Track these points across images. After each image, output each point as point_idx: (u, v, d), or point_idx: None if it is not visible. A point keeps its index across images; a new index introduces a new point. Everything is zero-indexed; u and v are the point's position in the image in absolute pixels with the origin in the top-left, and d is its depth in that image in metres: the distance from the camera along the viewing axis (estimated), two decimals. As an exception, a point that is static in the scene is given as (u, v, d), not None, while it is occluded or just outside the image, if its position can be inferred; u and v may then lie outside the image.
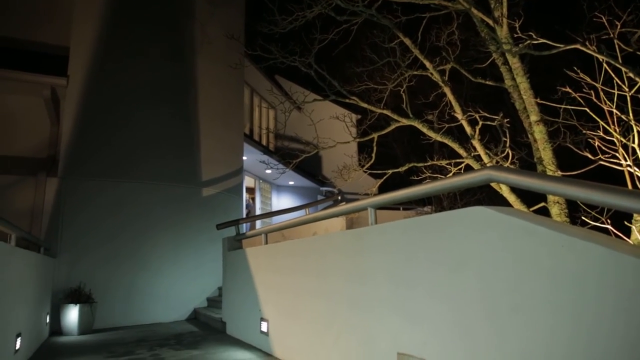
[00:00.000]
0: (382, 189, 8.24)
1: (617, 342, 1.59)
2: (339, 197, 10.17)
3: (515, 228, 2.03)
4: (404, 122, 7.75)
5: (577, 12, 6.24)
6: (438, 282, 2.46)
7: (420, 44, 7.63)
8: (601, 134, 5.48)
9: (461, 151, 7.37)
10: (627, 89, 5.26)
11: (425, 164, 8.00)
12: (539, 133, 6.23)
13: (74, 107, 7.41)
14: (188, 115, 8.53)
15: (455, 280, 2.34)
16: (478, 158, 7.24)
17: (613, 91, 5.35)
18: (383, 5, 7.32)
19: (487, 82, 7.53)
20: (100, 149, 7.50)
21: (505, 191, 6.67)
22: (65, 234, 7.00)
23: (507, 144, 6.84)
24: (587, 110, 5.63)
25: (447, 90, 7.48)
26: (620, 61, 5.22)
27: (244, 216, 10.98)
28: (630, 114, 5.22)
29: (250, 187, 14.94)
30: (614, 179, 4.65)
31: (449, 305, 2.37)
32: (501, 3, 6.37)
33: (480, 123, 7.08)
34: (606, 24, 5.45)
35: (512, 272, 2.02)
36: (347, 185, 8.85)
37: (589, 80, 5.52)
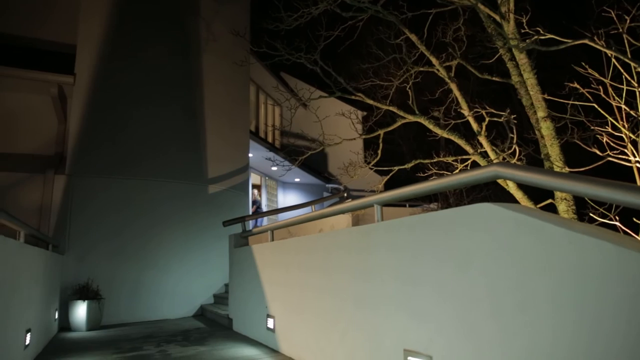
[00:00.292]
0: (388, 186, 8.22)
1: (622, 340, 1.58)
2: (345, 194, 10.17)
3: (522, 225, 2.02)
4: (410, 118, 7.73)
5: (585, 7, 6.19)
6: (444, 279, 2.45)
7: (426, 40, 7.60)
8: (609, 130, 5.43)
9: (467, 148, 7.34)
10: (636, 85, 5.21)
11: (432, 161, 7.98)
12: (546, 129, 6.19)
13: (81, 105, 7.46)
14: (194, 112, 8.56)
15: (462, 277, 2.33)
16: (485, 155, 7.21)
17: (622, 87, 5.30)
18: (389, 1, 7.30)
19: (493, 79, 7.49)
20: (107, 146, 7.55)
21: (512, 188, 6.64)
22: (73, 231, 7.06)
23: (514, 141, 6.80)
24: (595, 106, 5.58)
25: (453, 86, 7.44)
26: (629, 56, 5.16)
27: (249, 213, 11.01)
28: (639, 110, 5.17)
29: (256, 184, 14.97)
30: (622, 175, 4.60)
31: (455, 302, 2.37)
32: (508, -2, 6.33)
33: (486, 119, 7.04)
34: (615, 19, 5.39)
35: (519, 269, 2.01)
36: (353, 182, 8.85)
37: (597, 76, 5.47)
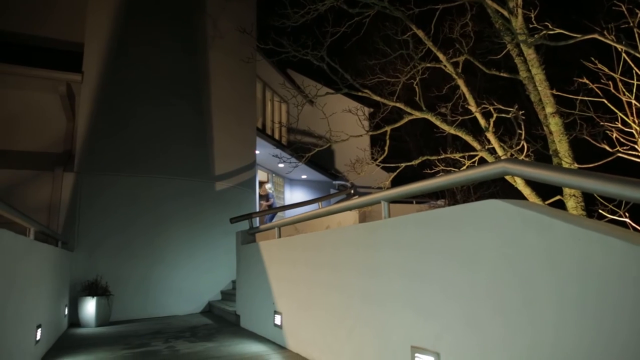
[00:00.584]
0: (395, 183, 8.21)
1: (634, 338, 1.56)
2: (352, 191, 10.16)
3: (530, 221, 2.00)
4: (417, 114, 7.69)
5: (594, 1, 6.12)
6: (451, 276, 2.45)
7: (434, 35, 7.56)
8: (619, 125, 5.38)
9: (475, 144, 7.30)
10: (646, 79, 5.15)
11: (439, 157, 7.94)
12: (554, 125, 6.14)
13: (89, 102, 7.50)
14: (201, 109, 8.59)
15: (469, 274, 2.32)
16: (492, 151, 7.17)
17: (632, 81, 5.24)
18: (395, -4, 7.27)
19: (501, 74, 7.43)
20: (115, 143, 7.59)
21: (520, 184, 6.60)
22: (82, 228, 7.11)
23: (522, 137, 6.75)
24: (605, 102, 5.53)
25: (460, 82, 7.40)
26: None
27: (256, 210, 11.04)
28: (650, 105, 5.12)
29: (263, 181, 14.99)
30: (633, 171, 4.56)
31: (462, 299, 2.36)
32: (516, -7, 6.27)
33: (494, 115, 7.00)
34: (626, 13, 5.32)
35: (527, 266, 2.00)
36: (360, 178, 8.83)
37: (607, 71, 5.41)
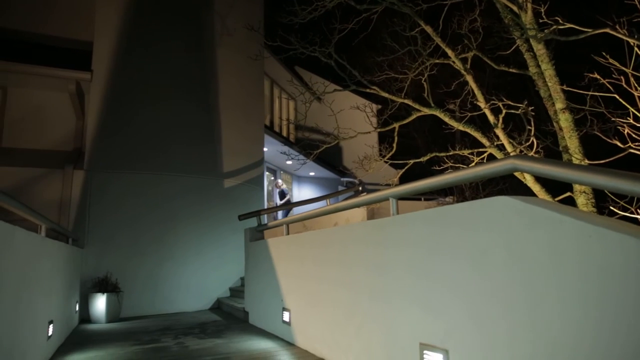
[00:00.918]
0: (403, 180, 8.18)
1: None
2: (360, 188, 10.15)
3: (540, 218, 1.99)
4: (426, 111, 7.66)
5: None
6: (460, 273, 2.44)
7: (442, 31, 7.50)
8: (631, 121, 5.31)
9: (484, 140, 7.25)
10: (659, 74, 5.08)
11: (447, 154, 7.90)
12: (564, 121, 6.08)
13: (98, 101, 7.56)
14: (209, 106, 8.62)
15: (478, 271, 2.31)
16: (501, 147, 7.11)
17: (644, 76, 5.17)
18: (403, -8, 7.22)
19: (510, 70, 7.37)
20: (124, 140, 7.65)
21: (529, 181, 6.55)
22: (92, 225, 7.18)
23: (532, 133, 6.69)
24: (617, 97, 5.46)
25: (469, 78, 7.35)
26: (652, 45, 5.03)
27: (265, 207, 11.07)
28: (662, 100, 5.05)
29: (271, 178, 15.02)
30: (644, 167, 4.50)
31: (471, 296, 2.35)
32: (526, -12, 6.21)
33: (503, 111, 6.94)
34: (638, 6, 5.25)
35: (537, 263, 1.99)
36: (368, 175, 8.82)
37: (619, 66, 5.34)
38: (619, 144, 5.42)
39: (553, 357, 1.88)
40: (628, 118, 5.35)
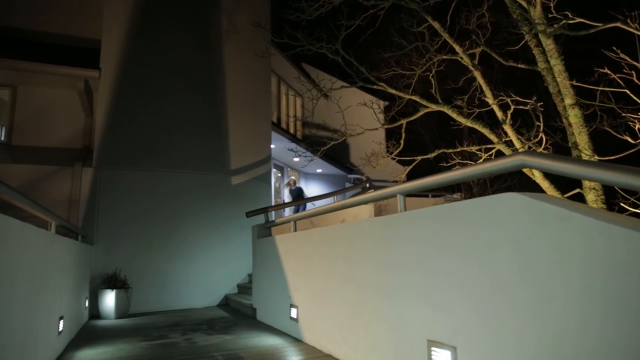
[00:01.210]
0: (411, 176, 8.16)
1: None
2: (367, 185, 10.13)
3: (549, 215, 1.97)
4: (433, 107, 7.62)
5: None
6: (468, 270, 2.43)
7: (450, 27, 7.46)
8: (642, 116, 5.26)
9: (492, 137, 7.21)
10: (670, 69, 5.01)
11: (455, 150, 7.87)
12: (574, 117, 6.03)
13: (106, 98, 7.61)
14: (217, 104, 8.64)
15: (486, 268, 2.30)
16: (509, 143, 7.07)
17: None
18: (411, -12, 7.18)
19: (519, 66, 7.31)
20: (132, 138, 7.70)
21: (538, 177, 6.50)
22: (101, 222, 7.24)
23: (541, 129, 6.64)
24: (627, 92, 5.40)
25: (477, 74, 7.30)
26: (664, 39, 4.97)
27: (273, 203, 11.09)
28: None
29: (278, 175, 15.05)
30: (655, 163, 4.45)
31: (479, 293, 2.34)
32: (535, -18, 6.14)
33: (512, 107, 6.89)
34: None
35: (546, 260, 1.97)
36: (375, 172, 8.80)
37: (630, 60, 5.28)
38: (629, 139, 5.36)
39: (561, 354, 1.87)
40: (639, 113, 5.29)
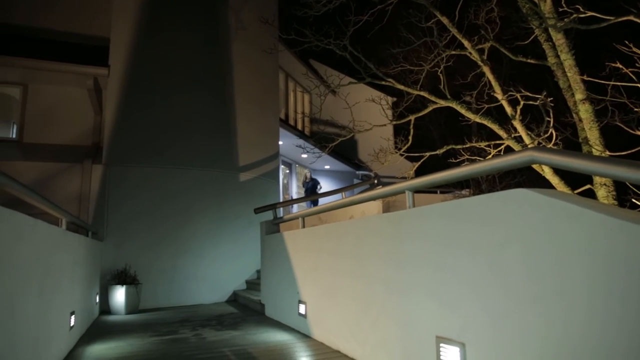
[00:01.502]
0: (419, 172, 8.13)
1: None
2: (375, 181, 10.10)
3: (559, 211, 1.96)
4: (442, 103, 7.58)
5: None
6: (477, 266, 2.42)
7: (458, 22, 7.40)
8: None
9: (501, 132, 7.16)
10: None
11: (464, 146, 7.82)
12: (584, 112, 5.96)
13: (115, 96, 7.66)
14: (224, 101, 8.66)
15: (496, 264, 2.29)
16: (519, 139, 7.01)
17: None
18: (419, -17, 7.14)
19: (528, 61, 7.24)
20: (141, 135, 7.74)
21: (547, 173, 6.45)
22: (111, 219, 7.30)
23: (551, 124, 6.57)
24: None
25: (486, 69, 7.24)
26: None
27: (281, 199, 11.12)
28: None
29: (286, 172, 15.07)
30: (667, 159, 4.39)
31: (489, 289, 2.33)
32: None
33: (521, 103, 6.83)
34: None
35: (556, 256, 1.96)
36: (384, 168, 8.78)
37: (642, 55, 5.21)
38: (641, 135, 5.30)
39: (568, 351, 1.86)
40: (651, 108, 5.23)
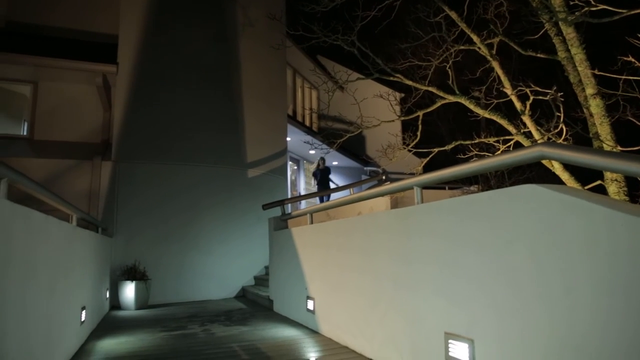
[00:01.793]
0: (427, 168, 8.10)
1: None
2: (384, 177, 10.08)
3: (569, 207, 1.94)
4: (450, 98, 7.53)
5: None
6: (486, 263, 2.41)
7: (467, 17, 7.33)
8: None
9: (510, 128, 7.10)
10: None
11: (472, 142, 7.77)
12: (595, 107, 5.89)
13: (124, 93, 7.70)
14: (232, 97, 8.68)
15: (505, 260, 2.28)
16: (528, 135, 6.95)
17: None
18: (428, -23, 7.08)
19: (538, 55, 7.15)
20: (150, 131, 7.79)
21: (557, 169, 6.39)
22: (120, 215, 7.36)
23: (561, 119, 6.50)
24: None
25: (495, 64, 7.18)
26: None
27: (288, 196, 11.13)
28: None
29: (294, 168, 15.08)
30: (679, 154, 4.33)
31: (498, 285, 2.32)
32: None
33: (531, 98, 6.76)
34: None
35: (566, 252, 1.95)
36: (392, 164, 8.75)
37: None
38: (653, 130, 5.23)
39: (574, 348, 1.85)
40: (664, 103, 5.16)
